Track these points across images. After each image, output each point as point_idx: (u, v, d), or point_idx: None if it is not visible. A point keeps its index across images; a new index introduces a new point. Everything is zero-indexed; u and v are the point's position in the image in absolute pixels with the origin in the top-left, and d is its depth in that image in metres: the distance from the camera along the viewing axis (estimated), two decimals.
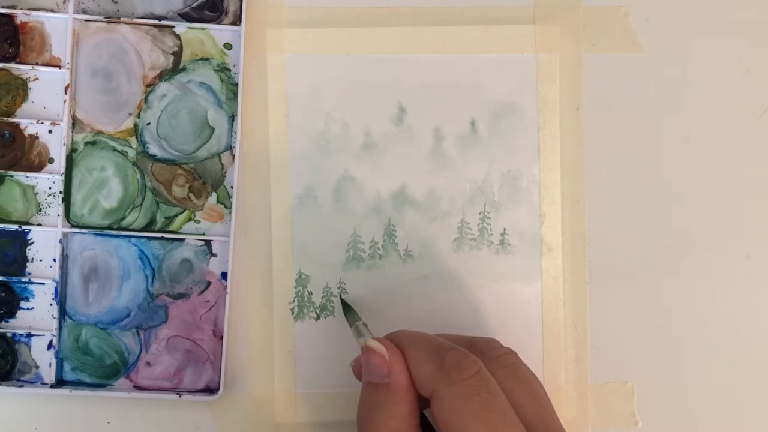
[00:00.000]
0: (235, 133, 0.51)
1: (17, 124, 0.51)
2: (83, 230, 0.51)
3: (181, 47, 0.52)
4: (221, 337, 0.51)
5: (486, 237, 0.51)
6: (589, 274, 0.52)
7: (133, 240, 0.52)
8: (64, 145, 0.51)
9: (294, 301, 0.51)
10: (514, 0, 0.51)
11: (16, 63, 0.51)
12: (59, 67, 0.51)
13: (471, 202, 0.51)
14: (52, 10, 0.51)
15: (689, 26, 0.52)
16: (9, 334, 0.51)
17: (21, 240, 0.51)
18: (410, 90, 0.51)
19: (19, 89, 0.51)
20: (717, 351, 0.52)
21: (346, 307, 0.50)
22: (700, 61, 0.52)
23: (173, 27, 0.51)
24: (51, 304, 0.51)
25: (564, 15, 0.51)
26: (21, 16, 0.51)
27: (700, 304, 0.52)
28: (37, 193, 0.51)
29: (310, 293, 0.51)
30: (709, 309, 0.52)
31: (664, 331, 0.52)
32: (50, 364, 0.51)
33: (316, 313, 0.51)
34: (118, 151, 0.52)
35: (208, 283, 0.52)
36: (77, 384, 0.51)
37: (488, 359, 0.42)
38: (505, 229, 0.52)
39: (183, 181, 0.52)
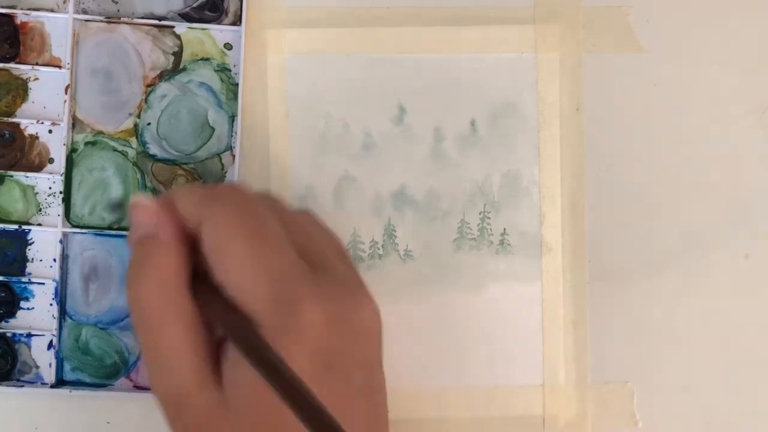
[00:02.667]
0: (236, 133, 0.51)
1: (17, 124, 0.51)
2: (83, 230, 0.51)
3: (181, 47, 0.52)
4: None
5: (486, 237, 0.51)
6: (589, 274, 0.52)
7: None
8: (64, 145, 0.51)
9: None
10: (514, 0, 0.51)
11: (16, 63, 0.51)
12: (59, 67, 0.51)
13: (471, 202, 0.51)
14: (52, 10, 0.51)
15: (689, 26, 0.52)
16: (9, 334, 0.51)
17: (21, 240, 0.51)
18: (410, 90, 0.51)
19: (19, 89, 0.51)
20: (717, 351, 0.52)
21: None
22: (700, 61, 0.52)
23: (173, 27, 0.51)
24: (51, 304, 0.51)
25: (564, 15, 0.51)
26: (21, 16, 0.51)
27: (700, 304, 0.52)
28: (37, 193, 0.51)
29: None
30: (709, 309, 0.52)
31: (664, 331, 0.52)
32: (50, 364, 0.51)
33: None
34: (119, 151, 0.51)
35: None
36: (77, 384, 0.51)
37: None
38: (505, 229, 0.51)
39: (183, 181, 0.52)
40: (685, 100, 0.52)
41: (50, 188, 0.51)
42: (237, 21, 0.51)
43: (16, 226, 0.51)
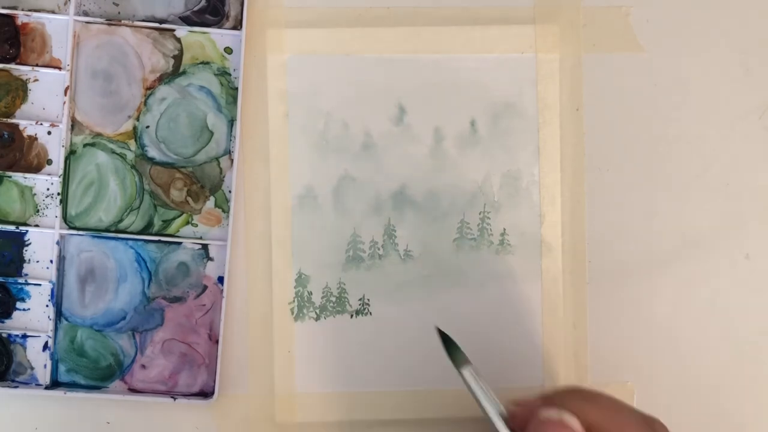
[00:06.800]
0: (234, 137, 0.51)
1: (16, 125, 0.51)
2: (81, 232, 0.51)
3: (181, 51, 0.52)
4: (217, 341, 0.51)
5: (486, 237, 0.51)
6: (589, 274, 0.52)
7: (130, 243, 0.52)
8: (62, 146, 0.51)
9: (294, 301, 0.51)
10: (514, 0, 0.52)
11: (17, 64, 0.51)
12: (59, 68, 0.51)
13: (471, 202, 0.51)
14: (53, 12, 0.51)
15: (689, 26, 0.52)
16: (4, 335, 0.51)
17: (18, 241, 0.51)
18: (410, 90, 0.51)
19: (19, 90, 0.51)
20: (717, 351, 0.52)
21: (449, 344, 0.45)
22: (700, 61, 0.52)
23: (174, 30, 0.51)
24: (47, 306, 0.51)
25: (564, 15, 0.52)
26: (22, 17, 0.51)
27: (700, 304, 0.52)
28: (35, 194, 0.51)
29: (310, 293, 0.51)
30: (709, 309, 0.52)
31: (664, 331, 0.52)
32: (45, 366, 0.51)
33: (316, 313, 0.51)
34: (117, 154, 0.51)
35: (205, 287, 0.52)
36: (72, 386, 0.51)
37: None
38: (505, 229, 0.51)
39: (181, 184, 0.52)
40: (685, 100, 0.52)
41: (48, 189, 0.51)
42: (238, 25, 0.51)
43: (13, 227, 0.51)
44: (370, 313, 0.51)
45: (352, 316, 0.51)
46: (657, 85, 0.52)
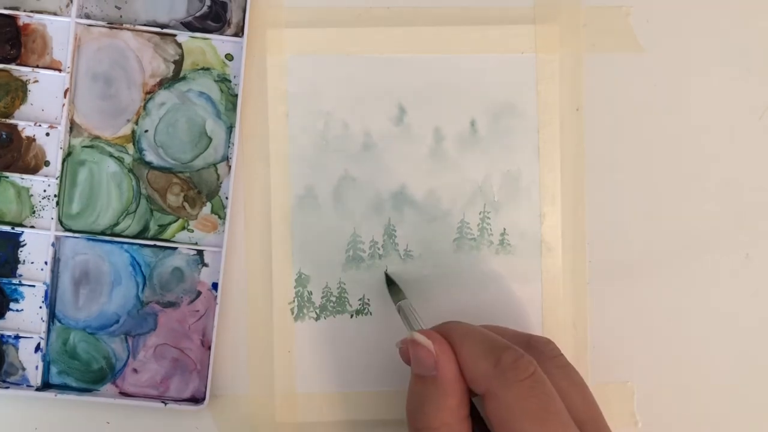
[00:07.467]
0: (233, 144, 0.51)
1: (15, 126, 0.51)
2: (76, 234, 0.51)
3: (182, 56, 0.52)
4: (209, 347, 0.50)
5: (486, 237, 0.51)
6: (589, 274, 0.52)
7: (126, 246, 0.51)
8: (60, 148, 0.50)
9: (294, 301, 0.51)
10: (514, 0, 0.52)
11: (17, 64, 0.51)
12: (59, 70, 0.51)
13: (471, 202, 0.51)
14: (54, 14, 0.51)
15: (689, 26, 0.52)
16: None
17: (14, 241, 0.51)
18: (410, 90, 0.51)
19: (19, 91, 0.51)
20: (717, 351, 0.52)
21: (391, 284, 0.50)
22: (700, 61, 0.52)
23: (175, 36, 0.51)
24: (40, 307, 0.51)
25: (564, 15, 0.52)
26: (23, 18, 0.51)
27: (700, 304, 0.52)
28: (31, 195, 0.51)
29: (310, 293, 0.51)
30: (709, 309, 0.52)
31: (664, 331, 0.52)
32: (37, 367, 0.51)
33: (316, 313, 0.51)
34: (115, 157, 0.51)
35: (199, 293, 0.52)
36: (63, 388, 0.51)
37: (545, 359, 0.42)
38: (505, 229, 0.51)
39: (178, 189, 0.51)
40: (685, 100, 0.52)
41: (45, 191, 0.51)
42: (239, 32, 0.51)
43: (9, 227, 0.51)
44: (370, 313, 0.51)
45: (352, 316, 0.51)
46: (657, 85, 0.52)
